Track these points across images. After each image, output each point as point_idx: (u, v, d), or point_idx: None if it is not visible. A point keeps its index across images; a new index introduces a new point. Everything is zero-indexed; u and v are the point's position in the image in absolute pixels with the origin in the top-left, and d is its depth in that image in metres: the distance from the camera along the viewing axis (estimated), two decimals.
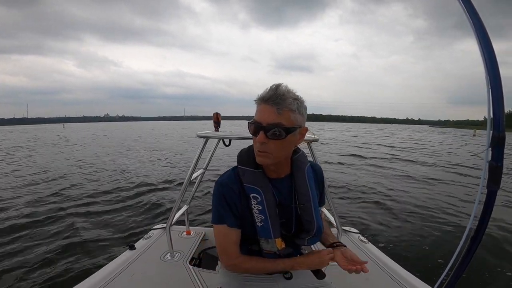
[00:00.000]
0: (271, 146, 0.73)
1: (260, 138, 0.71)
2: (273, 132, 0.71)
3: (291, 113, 0.71)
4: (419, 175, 6.88)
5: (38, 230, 3.19)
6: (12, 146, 14.66)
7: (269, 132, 0.71)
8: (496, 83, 0.59)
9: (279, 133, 0.71)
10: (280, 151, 0.75)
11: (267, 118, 0.71)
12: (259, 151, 0.75)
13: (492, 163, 0.61)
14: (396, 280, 1.32)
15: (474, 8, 0.63)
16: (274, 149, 0.73)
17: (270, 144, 0.72)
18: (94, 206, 4.12)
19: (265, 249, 0.82)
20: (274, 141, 0.72)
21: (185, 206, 1.86)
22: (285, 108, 0.70)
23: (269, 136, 0.71)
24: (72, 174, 6.57)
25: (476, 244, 0.67)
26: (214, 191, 0.84)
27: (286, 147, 0.76)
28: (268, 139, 0.72)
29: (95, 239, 2.97)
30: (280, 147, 0.74)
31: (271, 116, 0.70)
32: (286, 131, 0.71)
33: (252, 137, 0.77)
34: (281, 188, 0.83)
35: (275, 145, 0.73)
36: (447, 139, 24.51)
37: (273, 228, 0.80)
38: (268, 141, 0.72)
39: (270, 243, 0.81)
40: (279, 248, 0.81)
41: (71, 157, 9.89)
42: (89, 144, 15.60)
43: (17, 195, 4.69)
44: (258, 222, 0.80)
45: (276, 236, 0.80)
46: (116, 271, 1.33)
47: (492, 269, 2.43)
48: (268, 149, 0.73)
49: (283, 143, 0.74)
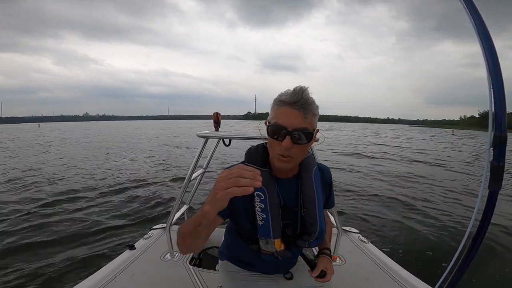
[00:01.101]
0: (295, 151, 0.73)
1: (286, 143, 0.70)
2: (298, 137, 0.70)
3: (314, 117, 0.72)
4: (418, 175, 6.88)
5: (36, 229, 3.18)
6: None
7: (295, 138, 0.70)
8: (498, 83, 0.59)
9: (304, 139, 0.71)
10: (301, 155, 0.76)
11: (293, 122, 0.70)
12: (283, 155, 0.73)
13: (494, 162, 0.61)
14: (396, 280, 1.32)
15: (475, 8, 0.63)
16: (297, 154, 0.74)
17: (294, 149, 0.72)
18: (93, 206, 4.11)
19: (263, 249, 0.82)
20: (298, 145, 0.72)
21: (185, 206, 1.86)
22: (310, 112, 0.70)
23: (294, 141, 0.71)
24: (71, 173, 6.56)
25: (477, 244, 0.67)
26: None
27: (306, 151, 0.77)
28: (293, 144, 0.71)
29: (95, 239, 2.96)
30: (302, 152, 0.75)
31: (297, 121, 0.70)
32: (310, 136, 0.72)
33: (255, 137, 0.77)
34: (287, 188, 0.83)
35: (298, 150, 0.73)
36: (433, 138, 24.98)
37: (273, 228, 0.79)
38: (293, 146, 0.71)
39: (269, 243, 0.80)
40: (277, 249, 0.80)
41: (63, 157, 9.86)
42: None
43: (22, 193, 4.68)
44: (259, 220, 0.79)
45: (276, 237, 0.80)
46: (116, 271, 1.33)
47: (494, 269, 2.43)
48: (292, 154, 0.73)
49: (305, 148, 0.74)
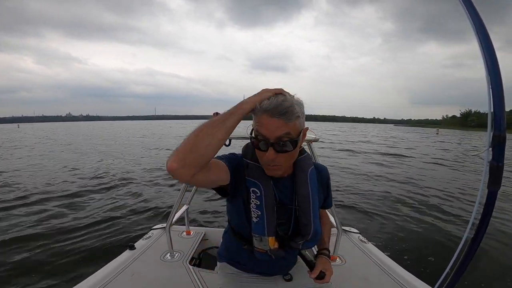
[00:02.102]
0: (281, 160, 0.73)
1: (270, 155, 0.70)
2: (282, 147, 0.70)
3: (298, 120, 0.71)
4: (418, 174, 6.88)
5: (36, 230, 3.19)
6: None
7: (278, 148, 0.70)
8: (497, 83, 0.59)
9: (288, 146, 0.71)
10: (289, 161, 0.77)
11: (274, 132, 0.68)
12: (269, 165, 0.74)
13: (493, 163, 0.61)
14: (396, 280, 1.32)
15: (475, 8, 0.63)
16: (284, 161, 0.74)
17: (280, 158, 0.72)
18: (93, 206, 4.12)
19: (257, 247, 0.81)
20: (283, 154, 0.72)
21: (185, 206, 1.86)
22: (292, 116, 0.69)
23: (278, 151, 0.71)
24: (71, 173, 6.57)
25: (476, 244, 0.67)
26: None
27: (294, 155, 0.78)
28: (277, 153, 0.71)
29: (95, 239, 2.97)
30: (289, 158, 0.75)
31: (278, 130, 0.68)
32: (294, 143, 0.72)
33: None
34: (282, 187, 0.82)
35: (284, 158, 0.73)
36: (422, 137, 25.29)
37: (268, 225, 0.78)
38: (277, 155, 0.71)
39: (263, 241, 0.79)
40: (271, 247, 0.80)
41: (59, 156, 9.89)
42: None
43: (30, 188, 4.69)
44: (254, 217, 0.79)
45: (270, 234, 0.79)
46: (116, 271, 1.33)
47: (494, 269, 2.43)
48: (278, 163, 0.73)
49: (292, 154, 0.74)
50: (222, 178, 0.74)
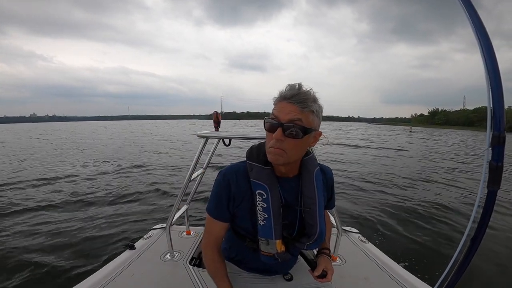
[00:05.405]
0: (287, 146, 0.71)
1: (277, 134, 0.70)
2: (291, 130, 0.69)
3: (311, 115, 0.71)
4: (417, 174, 6.88)
5: (36, 229, 3.19)
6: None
7: (287, 130, 0.69)
8: (497, 83, 0.59)
9: (296, 133, 0.70)
10: (294, 150, 0.73)
11: (287, 115, 0.69)
12: (273, 147, 0.72)
13: (492, 163, 0.61)
14: (396, 280, 1.32)
15: (474, 8, 0.63)
16: (289, 148, 0.72)
17: (286, 142, 0.71)
18: (93, 206, 4.12)
19: (263, 251, 0.80)
20: (290, 139, 0.71)
21: (185, 206, 1.86)
22: (307, 108, 0.69)
23: (286, 134, 0.70)
24: (70, 174, 6.56)
25: (476, 244, 0.67)
26: (217, 180, 0.82)
27: (301, 148, 0.75)
28: (285, 137, 0.70)
29: (95, 239, 2.96)
30: (295, 147, 0.72)
31: (290, 114, 0.69)
32: (304, 131, 0.70)
33: (255, 137, 0.76)
34: (288, 188, 0.81)
35: (290, 144, 0.71)
36: (398, 135, 25.74)
37: (275, 228, 0.77)
38: (285, 139, 0.70)
39: (270, 244, 0.78)
40: (278, 250, 0.78)
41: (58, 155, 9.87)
42: None
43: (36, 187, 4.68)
44: (260, 220, 0.77)
45: (278, 237, 0.78)
46: (116, 271, 1.33)
47: (494, 270, 2.42)
48: (283, 147, 0.71)
49: (299, 143, 0.72)
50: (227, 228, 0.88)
